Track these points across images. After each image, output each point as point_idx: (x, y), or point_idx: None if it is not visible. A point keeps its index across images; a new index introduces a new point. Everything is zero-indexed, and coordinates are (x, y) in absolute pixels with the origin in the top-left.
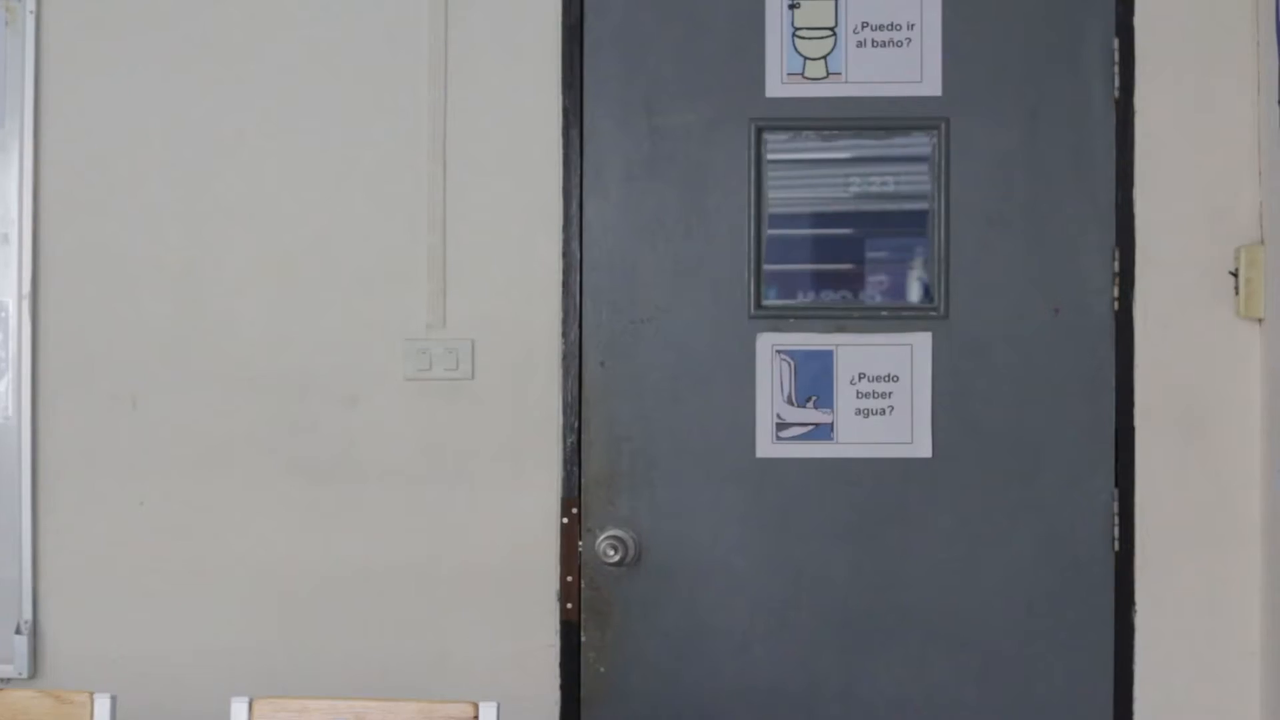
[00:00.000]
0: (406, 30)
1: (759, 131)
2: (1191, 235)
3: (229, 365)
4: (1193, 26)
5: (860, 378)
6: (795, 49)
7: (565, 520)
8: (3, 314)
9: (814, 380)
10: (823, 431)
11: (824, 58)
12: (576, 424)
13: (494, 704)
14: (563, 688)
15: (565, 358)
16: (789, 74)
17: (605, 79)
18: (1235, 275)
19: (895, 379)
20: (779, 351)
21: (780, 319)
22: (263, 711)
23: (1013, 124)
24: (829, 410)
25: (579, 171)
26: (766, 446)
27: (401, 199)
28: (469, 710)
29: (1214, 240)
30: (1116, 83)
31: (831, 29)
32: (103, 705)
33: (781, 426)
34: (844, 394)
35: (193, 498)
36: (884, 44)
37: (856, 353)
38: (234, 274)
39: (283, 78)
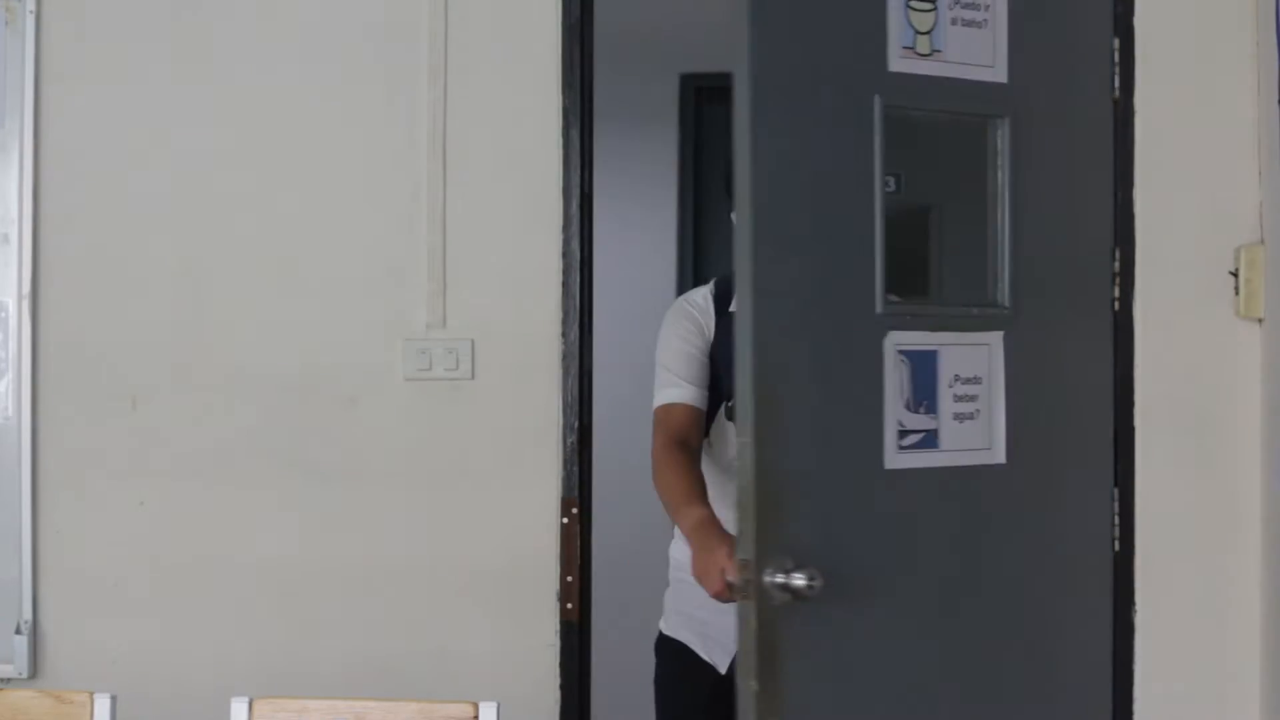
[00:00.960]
0: (406, 30)
1: (885, 110)
2: (1191, 235)
3: (229, 366)
4: (1193, 26)
5: (956, 380)
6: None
7: (565, 520)
8: (3, 314)
9: (924, 383)
10: (930, 439)
11: (929, 32)
12: (576, 424)
13: (494, 704)
14: (562, 687)
15: (565, 358)
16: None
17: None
18: (1235, 275)
19: (979, 380)
20: (900, 353)
21: (898, 316)
22: (263, 711)
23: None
24: (935, 416)
25: (578, 170)
26: (893, 457)
27: (401, 199)
28: (469, 710)
29: (1214, 240)
30: (1116, 82)
31: (935, 1)
32: (102, 705)
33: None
34: (945, 398)
35: (193, 498)
36: (970, 22)
37: (955, 353)
38: (234, 274)
39: (283, 78)
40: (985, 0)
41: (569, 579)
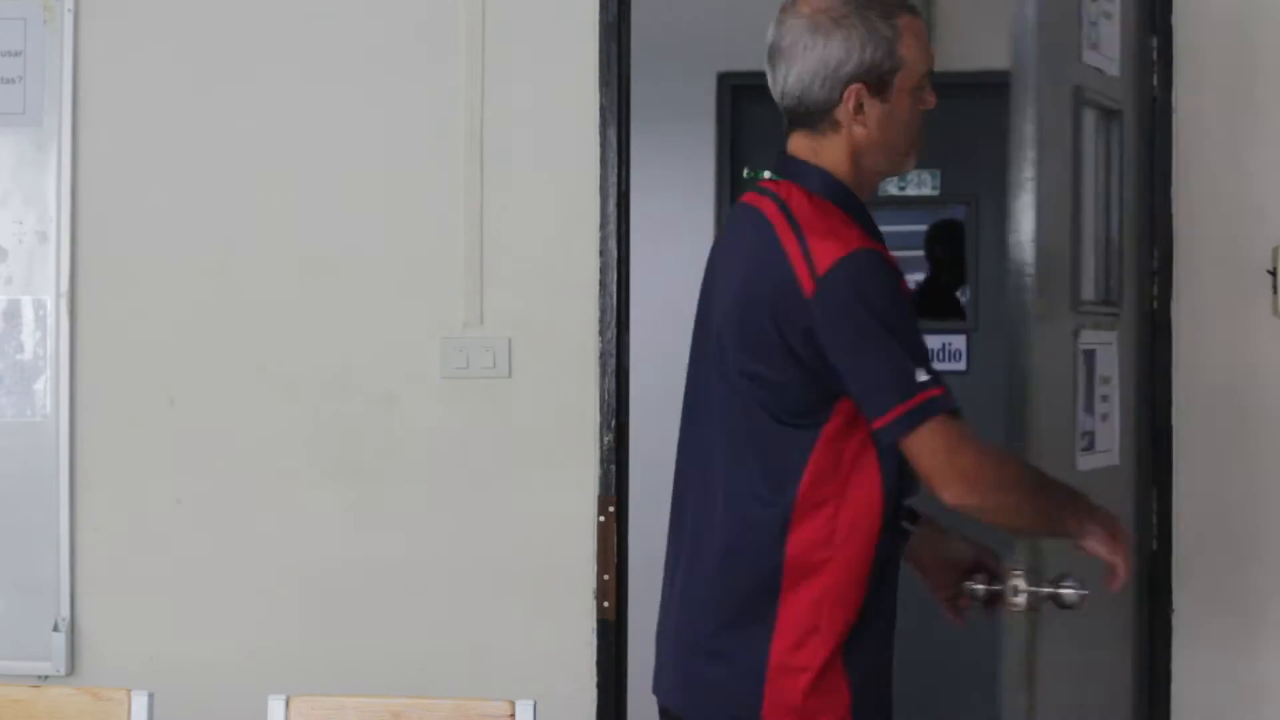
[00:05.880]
0: (444, 29)
1: (1079, 104)
2: (1229, 234)
3: (266, 364)
4: (1231, 25)
5: (1101, 380)
6: None
7: (602, 519)
8: (41, 312)
9: (1089, 384)
10: (1091, 441)
11: (1096, 24)
12: (614, 422)
13: (530, 702)
14: (600, 686)
15: (602, 356)
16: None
17: None
18: (1273, 274)
19: (1109, 380)
20: (1084, 352)
21: (1086, 315)
22: (300, 709)
23: None
24: (1092, 417)
25: (615, 169)
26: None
27: (439, 198)
28: (506, 708)
29: (1251, 239)
30: (1154, 80)
31: None
32: (139, 702)
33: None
34: (1096, 399)
35: (229, 495)
36: (1109, 15)
37: (1103, 352)
38: (271, 273)
39: (321, 76)
40: None
41: (606, 577)
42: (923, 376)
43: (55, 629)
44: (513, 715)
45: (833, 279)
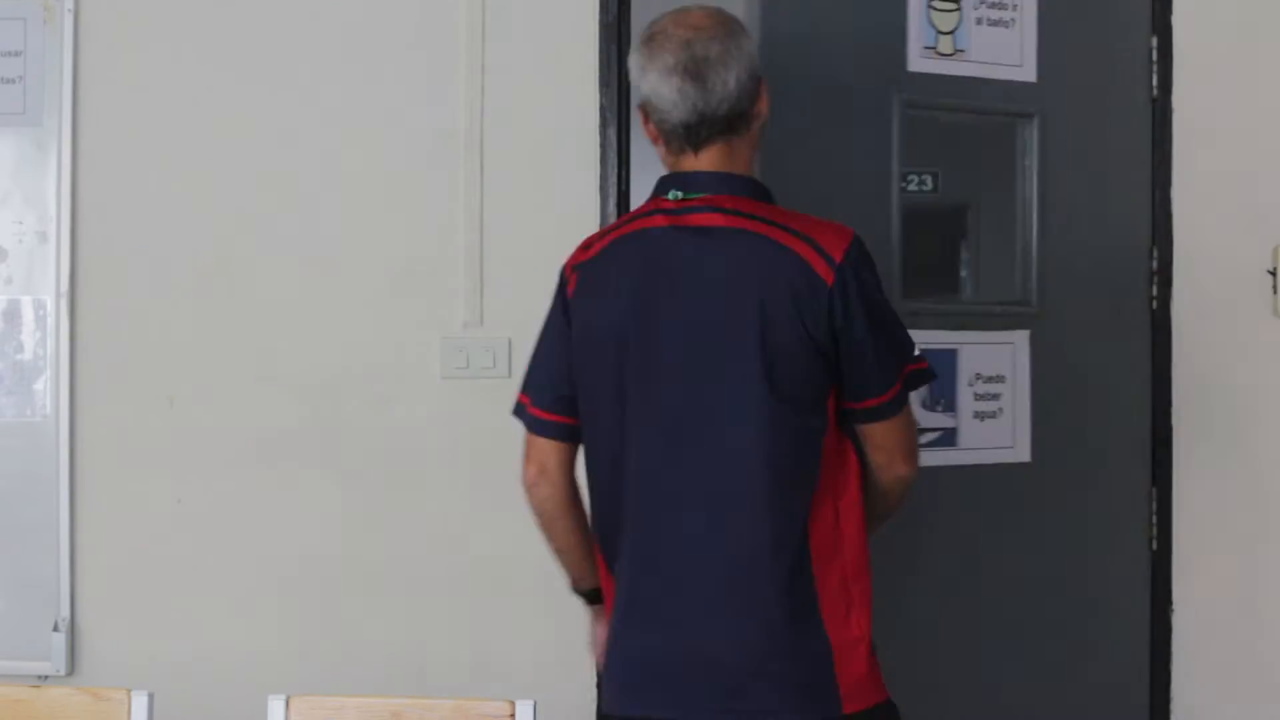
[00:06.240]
0: (444, 29)
1: (904, 109)
2: (1229, 234)
3: (266, 364)
4: (1231, 25)
5: (977, 378)
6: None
7: None
8: (41, 312)
9: (942, 382)
10: (948, 437)
11: (952, 32)
12: None
13: (530, 702)
14: (600, 686)
15: None
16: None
17: None
18: (1273, 274)
19: (1002, 379)
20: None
21: (916, 315)
22: (300, 709)
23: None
24: (953, 415)
25: (615, 169)
26: None
27: (439, 198)
28: (506, 708)
29: (1252, 239)
30: (1154, 81)
31: (959, 2)
32: (140, 702)
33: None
34: (964, 396)
35: (230, 496)
36: (996, 22)
37: (975, 351)
38: (271, 273)
39: (321, 77)
40: (1012, 0)
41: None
42: (917, 350)
43: (55, 629)
44: (513, 715)
45: (849, 263)
